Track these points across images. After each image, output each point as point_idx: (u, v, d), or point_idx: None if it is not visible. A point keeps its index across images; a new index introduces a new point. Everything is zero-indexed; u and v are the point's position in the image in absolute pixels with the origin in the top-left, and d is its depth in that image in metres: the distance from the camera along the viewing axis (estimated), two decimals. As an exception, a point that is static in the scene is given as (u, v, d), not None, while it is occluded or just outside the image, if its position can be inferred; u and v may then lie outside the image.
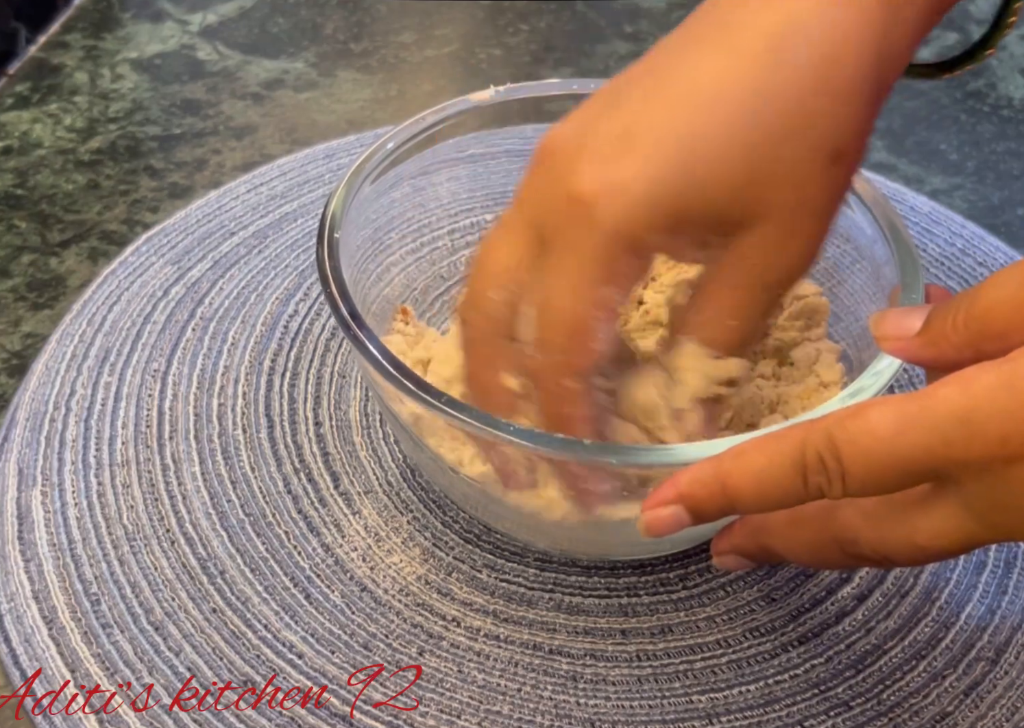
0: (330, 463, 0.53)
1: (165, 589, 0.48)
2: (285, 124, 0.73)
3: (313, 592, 0.48)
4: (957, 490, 0.34)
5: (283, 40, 0.80)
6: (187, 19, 0.81)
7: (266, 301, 0.60)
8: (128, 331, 0.58)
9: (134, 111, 0.73)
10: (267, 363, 0.57)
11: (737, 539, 0.42)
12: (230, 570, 0.49)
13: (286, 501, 0.51)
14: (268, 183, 0.67)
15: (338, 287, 0.44)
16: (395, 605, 0.48)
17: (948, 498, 0.35)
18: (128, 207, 0.66)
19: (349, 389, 0.56)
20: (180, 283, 0.61)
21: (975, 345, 0.35)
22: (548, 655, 0.47)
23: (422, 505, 0.52)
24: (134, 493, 0.51)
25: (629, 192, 0.39)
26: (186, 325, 0.58)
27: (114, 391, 0.55)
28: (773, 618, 0.49)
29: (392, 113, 0.74)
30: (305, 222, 0.65)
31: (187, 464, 0.52)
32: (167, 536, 0.50)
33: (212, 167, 0.69)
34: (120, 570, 0.48)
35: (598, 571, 0.50)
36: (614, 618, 0.48)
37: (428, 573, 0.49)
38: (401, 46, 0.80)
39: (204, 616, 0.47)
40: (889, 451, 0.33)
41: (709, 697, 0.46)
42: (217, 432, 0.54)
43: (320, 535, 0.50)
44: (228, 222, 0.64)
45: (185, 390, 0.55)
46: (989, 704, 0.46)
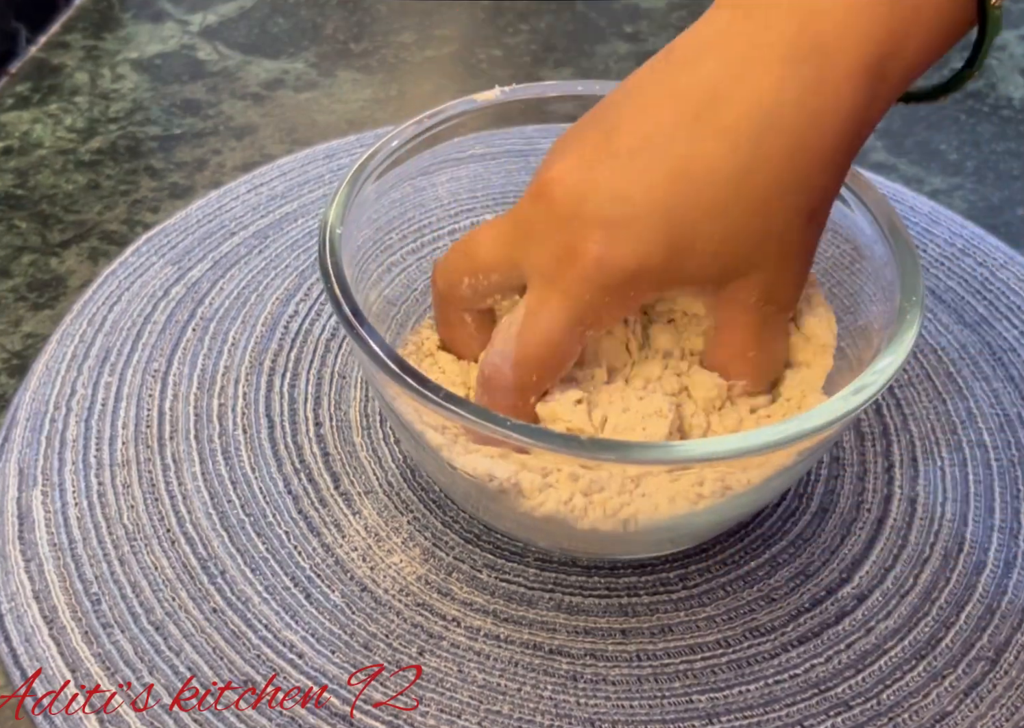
0: (330, 463, 0.53)
1: (165, 589, 0.48)
2: (285, 124, 0.73)
3: (313, 592, 0.48)
4: None
5: (283, 40, 0.80)
6: (187, 19, 0.82)
7: (266, 301, 0.60)
8: (128, 331, 0.58)
9: (134, 111, 0.73)
10: (267, 363, 0.57)
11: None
12: (230, 570, 0.49)
13: (286, 501, 0.51)
14: (268, 183, 0.67)
15: (340, 285, 0.44)
16: (395, 605, 0.48)
17: None
18: (128, 207, 0.66)
19: (349, 389, 0.56)
20: (180, 283, 0.61)
21: None
22: (548, 655, 0.47)
23: (422, 505, 0.52)
24: (134, 493, 0.51)
25: (621, 267, 0.42)
26: (186, 325, 0.59)
27: (115, 391, 0.55)
28: (773, 618, 0.49)
29: (392, 113, 0.74)
30: (306, 222, 0.65)
31: (187, 464, 0.52)
32: (167, 536, 0.50)
33: (212, 167, 0.69)
34: (120, 570, 0.48)
35: (598, 571, 0.50)
36: (614, 618, 0.48)
37: (428, 573, 0.49)
38: (401, 46, 0.80)
39: (204, 616, 0.47)
40: None
41: (709, 697, 0.46)
42: (217, 432, 0.54)
43: (320, 535, 0.50)
44: (228, 222, 0.64)
45: (185, 390, 0.56)
46: (989, 704, 0.46)
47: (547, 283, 0.43)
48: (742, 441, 0.40)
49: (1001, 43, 0.82)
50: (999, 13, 0.43)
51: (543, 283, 0.44)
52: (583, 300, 0.43)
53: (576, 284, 0.43)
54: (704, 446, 0.40)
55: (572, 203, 0.43)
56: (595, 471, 0.42)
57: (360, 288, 0.49)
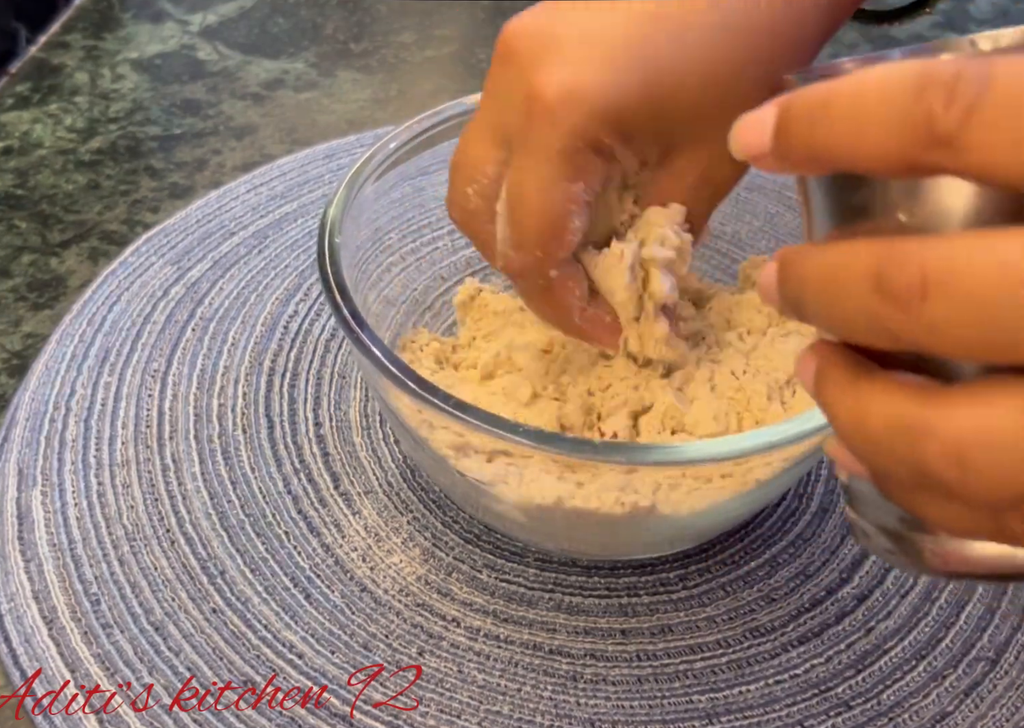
0: (330, 463, 0.53)
1: (165, 589, 0.48)
2: (285, 124, 0.73)
3: (313, 592, 0.48)
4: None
5: (283, 40, 0.80)
6: (187, 19, 0.82)
7: (266, 301, 0.60)
8: (128, 331, 0.58)
9: (134, 111, 0.73)
10: (267, 363, 0.57)
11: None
12: (230, 570, 0.49)
13: (286, 501, 0.51)
14: (268, 183, 0.67)
15: (339, 287, 0.44)
16: (395, 605, 0.48)
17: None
18: (128, 207, 0.66)
19: (349, 390, 0.56)
20: (180, 283, 0.61)
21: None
22: (548, 655, 0.47)
23: (422, 505, 0.52)
24: (134, 493, 0.51)
25: (588, 100, 0.40)
26: (186, 325, 0.59)
27: (114, 391, 0.55)
28: (773, 618, 0.49)
29: (392, 113, 0.74)
30: (305, 222, 0.65)
31: (187, 464, 0.52)
32: (167, 536, 0.50)
33: (212, 167, 0.69)
34: (120, 570, 0.48)
35: (598, 571, 0.50)
36: (614, 618, 0.48)
37: (428, 573, 0.49)
38: (401, 46, 0.80)
39: (204, 616, 0.47)
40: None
41: (709, 697, 0.46)
42: (217, 432, 0.54)
43: (320, 535, 0.50)
44: (228, 222, 0.65)
45: (185, 390, 0.56)
46: (989, 704, 0.46)
47: (519, 147, 0.41)
48: (760, 438, 0.40)
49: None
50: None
51: (516, 148, 0.41)
52: (555, 150, 0.40)
53: (544, 135, 0.40)
54: (713, 447, 0.40)
55: (536, 50, 0.40)
56: (598, 469, 0.42)
57: (359, 288, 0.49)
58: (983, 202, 0.26)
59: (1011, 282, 0.23)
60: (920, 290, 0.24)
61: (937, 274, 0.24)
